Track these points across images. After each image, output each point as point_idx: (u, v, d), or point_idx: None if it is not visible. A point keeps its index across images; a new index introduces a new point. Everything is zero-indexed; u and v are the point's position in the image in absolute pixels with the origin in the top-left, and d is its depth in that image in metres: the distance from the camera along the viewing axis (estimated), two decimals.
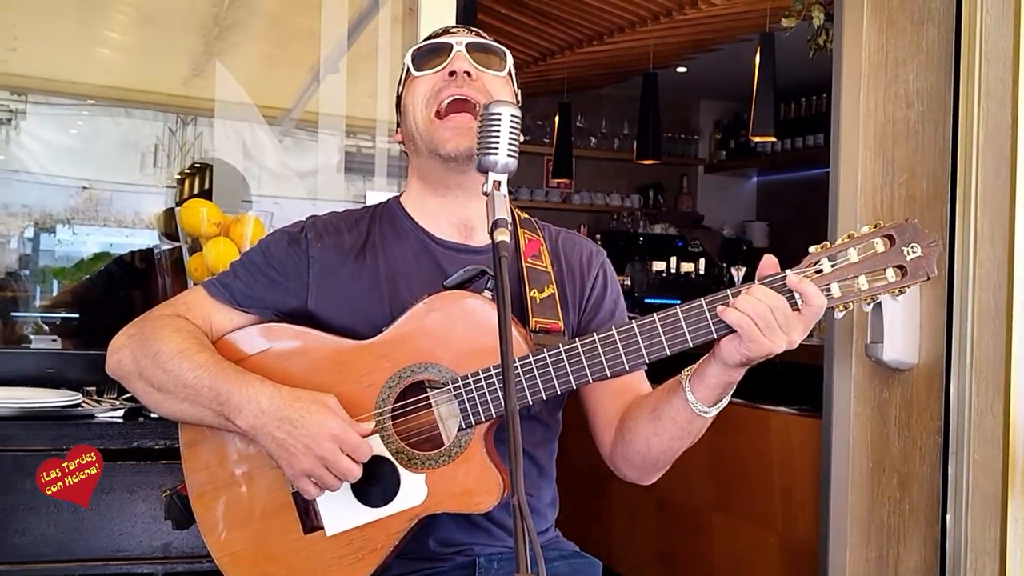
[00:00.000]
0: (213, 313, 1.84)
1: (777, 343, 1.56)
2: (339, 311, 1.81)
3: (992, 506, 2.43)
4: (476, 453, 1.68)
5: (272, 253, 1.86)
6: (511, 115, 1.56)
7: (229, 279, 1.86)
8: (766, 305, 1.55)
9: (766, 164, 8.71)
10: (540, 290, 1.81)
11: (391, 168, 3.27)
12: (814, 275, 1.58)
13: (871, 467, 2.80)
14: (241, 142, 3.53)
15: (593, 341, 1.63)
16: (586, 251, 1.96)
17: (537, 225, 1.95)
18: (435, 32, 1.93)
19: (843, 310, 1.59)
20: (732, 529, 3.88)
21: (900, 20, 2.74)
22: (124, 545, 2.20)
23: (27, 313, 3.23)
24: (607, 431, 1.86)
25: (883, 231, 1.58)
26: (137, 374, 1.78)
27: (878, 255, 1.57)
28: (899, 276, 1.57)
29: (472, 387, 1.67)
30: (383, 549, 1.70)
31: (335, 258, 1.85)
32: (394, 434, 1.71)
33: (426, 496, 1.68)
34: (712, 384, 1.65)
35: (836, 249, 1.58)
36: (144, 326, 1.82)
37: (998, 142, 2.43)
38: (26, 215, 3.32)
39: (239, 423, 1.68)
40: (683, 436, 1.74)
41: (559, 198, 8.74)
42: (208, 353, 1.75)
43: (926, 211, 2.65)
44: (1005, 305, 2.40)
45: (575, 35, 6.46)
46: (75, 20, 3.50)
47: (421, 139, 1.83)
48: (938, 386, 2.61)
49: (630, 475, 1.86)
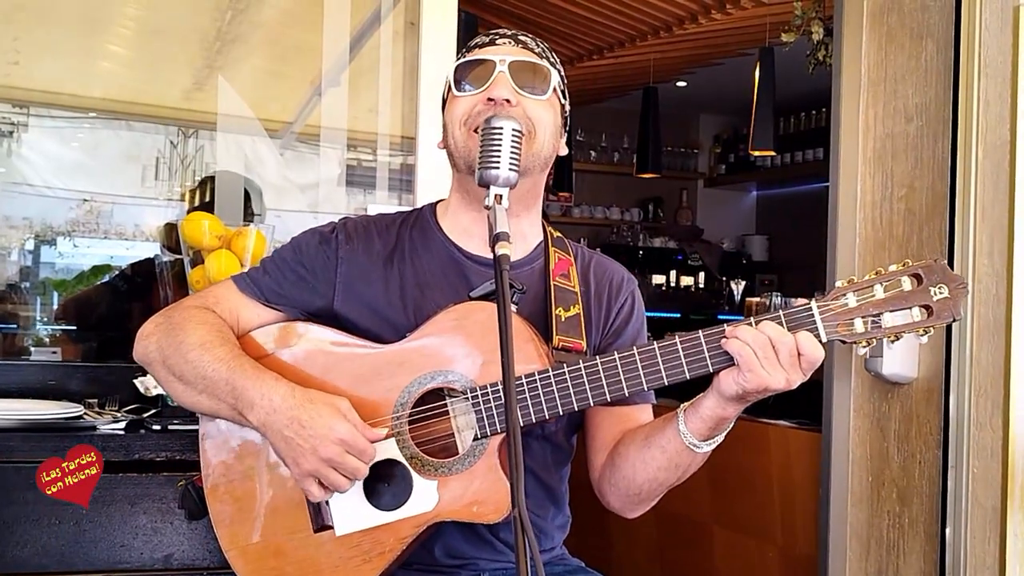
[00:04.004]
0: (241, 308, 1.85)
1: (775, 377, 1.56)
2: (363, 314, 1.82)
3: (991, 520, 2.43)
4: (489, 464, 1.69)
5: (303, 251, 1.88)
6: (512, 129, 1.57)
7: (259, 275, 1.88)
8: (767, 337, 1.56)
9: (766, 178, 8.73)
10: (566, 309, 1.81)
11: (392, 181, 3.28)
12: (839, 308, 1.58)
13: (871, 481, 2.80)
14: (243, 155, 3.54)
15: (613, 359, 1.64)
16: (617, 277, 1.95)
17: (570, 245, 1.95)
18: (480, 40, 1.86)
19: (866, 346, 1.59)
20: (732, 542, 3.88)
21: (899, 35, 2.75)
22: (125, 557, 2.20)
23: (28, 326, 3.23)
24: (600, 455, 1.86)
25: (911, 270, 1.58)
26: (161, 362, 1.80)
27: (905, 294, 1.57)
28: (925, 316, 1.57)
29: (490, 397, 1.67)
30: (390, 553, 1.71)
31: (364, 262, 1.86)
32: (410, 439, 1.72)
33: (436, 503, 1.69)
34: (706, 416, 1.65)
35: (863, 285, 1.59)
36: (172, 315, 1.84)
37: (997, 156, 2.44)
38: (27, 227, 3.33)
39: (251, 418, 1.70)
40: (670, 468, 1.74)
41: (559, 211, 8.75)
42: (229, 347, 1.77)
43: (925, 225, 2.66)
44: (1004, 319, 2.40)
45: (576, 49, 6.48)
46: (77, 34, 3.51)
47: (460, 156, 1.81)
48: (937, 400, 2.61)
49: (614, 503, 1.86)
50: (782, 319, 1.59)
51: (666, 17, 5.66)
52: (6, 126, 3.43)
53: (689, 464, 1.73)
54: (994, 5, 2.46)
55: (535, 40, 1.88)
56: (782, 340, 1.56)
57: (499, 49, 1.83)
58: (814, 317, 1.58)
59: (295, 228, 1.98)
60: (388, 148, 3.30)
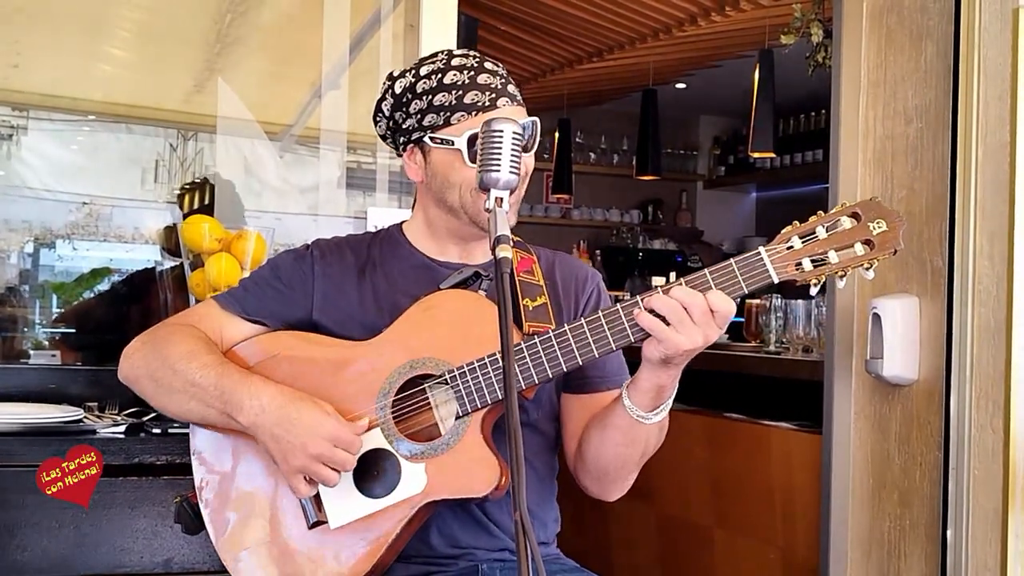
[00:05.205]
0: (224, 324, 1.93)
1: (691, 338, 1.61)
2: (342, 322, 1.89)
3: (992, 522, 2.43)
4: (473, 439, 1.73)
5: (280, 268, 1.96)
6: (513, 132, 1.58)
7: (239, 293, 1.97)
8: (677, 302, 1.62)
9: (765, 180, 8.73)
10: (532, 299, 1.86)
11: (392, 184, 3.28)
12: (785, 251, 1.65)
13: (871, 483, 2.80)
14: (242, 158, 3.54)
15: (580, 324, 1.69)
16: (582, 273, 2.02)
17: (532, 248, 2.00)
18: (480, 101, 1.84)
19: (816, 283, 1.66)
20: (732, 545, 3.87)
21: (899, 37, 2.75)
22: (125, 561, 2.21)
23: (27, 329, 3.23)
24: (572, 442, 1.92)
25: (848, 209, 1.66)
26: (148, 376, 1.87)
27: (846, 231, 1.65)
28: (868, 250, 1.64)
29: (468, 375, 1.73)
30: (386, 538, 1.74)
31: (338, 275, 1.93)
32: (394, 428, 1.76)
33: (426, 483, 1.73)
34: (644, 387, 1.70)
35: (806, 228, 1.67)
36: (157, 332, 1.93)
37: (997, 158, 2.44)
38: (26, 230, 3.32)
39: (241, 420, 1.76)
40: (627, 443, 1.78)
41: (559, 213, 8.76)
42: (215, 355, 1.84)
43: (925, 227, 2.66)
44: (1005, 321, 2.40)
45: (575, 52, 6.48)
46: (77, 36, 3.51)
47: (466, 212, 1.86)
48: (938, 402, 2.61)
49: (590, 487, 1.91)
50: (734, 266, 1.66)
51: (666, 19, 5.66)
52: (5, 129, 3.43)
53: (646, 437, 1.78)
54: (994, 7, 2.46)
55: (514, 82, 1.92)
56: (693, 302, 1.62)
57: (503, 112, 1.84)
58: (763, 260, 1.65)
59: (295, 231, 2.02)
60: (388, 151, 3.29)
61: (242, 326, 1.92)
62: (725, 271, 1.66)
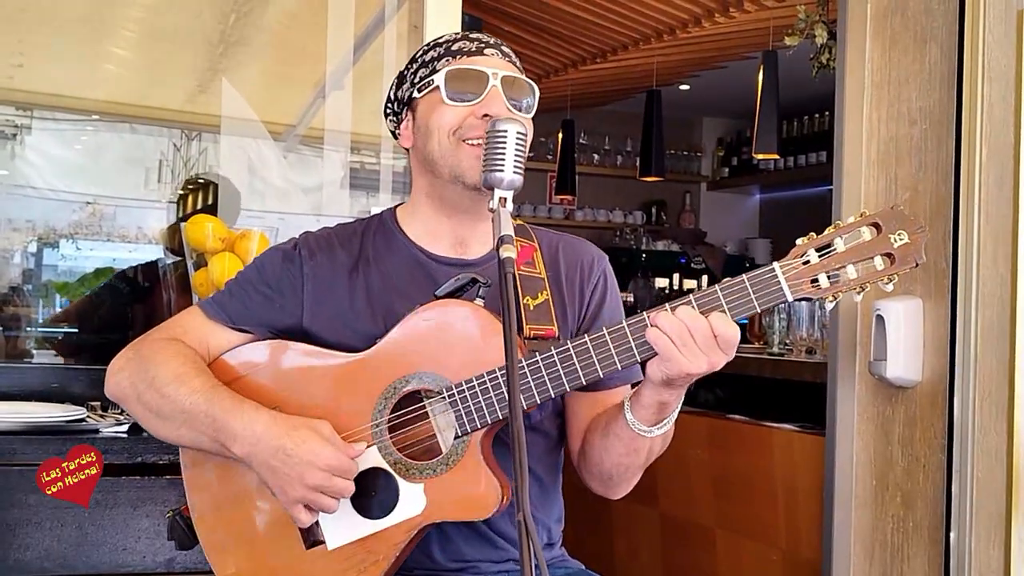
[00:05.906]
0: (209, 334, 1.84)
1: (696, 363, 1.56)
2: (333, 328, 1.82)
3: (996, 524, 2.43)
4: (473, 460, 1.68)
5: (267, 270, 1.87)
6: (517, 132, 1.57)
7: (224, 298, 1.87)
8: (682, 323, 1.55)
9: (769, 181, 8.72)
10: (534, 296, 1.81)
11: (396, 184, 3.28)
12: (801, 266, 1.57)
13: (874, 484, 2.80)
14: (246, 158, 3.54)
15: (584, 342, 1.64)
16: (587, 257, 1.94)
17: (533, 231, 1.93)
18: (466, 46, 1.83)
19: (833, 300, 1.57)
20: (735, 546, 3.87)
21: (903, 39, 2.75)
22: (128, 560, 2.20)
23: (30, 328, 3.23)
24: (576, 440, 1.87)
25: (869, 220, 1.56)
26: (135, 398, 1.80)
27: (865, 244, 1.55)
28: (888, 264, 1.55)
29: (467, 394, 1.67)
30: (385, 560, 1.70)
31: (328, 274, 1.85)
32: (391, 445, 1.71)
33: (425, 505, 1.68)
34: (645, 404, 1.66)
35: (823, 240, 1.57)
36: (141, 349, 1.83)
37: (1001, 160, 2.43)
38: (30, 230, 3.33)
39: (235, 450, 1.69)
40: (630, 453, 1.75)
41: (562, 214, 8.75)
42: (205, 378, 1.76)
43: (929, 229, 2.65)
44: (1009, 323, 2.40)
45: (579, 52, 6.48)
46: (81, 36, 3.52)
47: (445, 164, 1.79)
48: (941, 404, 2.60)
49: (594, 486, 1.87)
50: (747, 283, 1.59)
51: (669, 20, 5.66)
52: (9, 129, 3.43)
53: (649, 447, 1.74)
54: (998, 9, 2.45)
55: (512, 51, 1.88)
56: (696, 325, 1.55)
57: (489, 60, 1.82)
58: (778, 278, 1.58)
59: (299, 231, 1.98)
60: (391, 151, 3.30)
61: (229, 335, 1.84)
62: (737, 288, 1.59)
